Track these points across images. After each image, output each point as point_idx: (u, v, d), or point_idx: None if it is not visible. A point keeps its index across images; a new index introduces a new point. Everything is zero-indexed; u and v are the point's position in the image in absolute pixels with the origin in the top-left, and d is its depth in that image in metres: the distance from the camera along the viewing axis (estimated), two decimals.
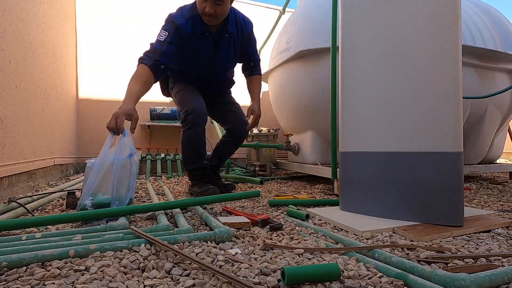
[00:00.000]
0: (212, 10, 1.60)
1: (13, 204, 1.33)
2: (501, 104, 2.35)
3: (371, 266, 0.76)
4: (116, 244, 0.86)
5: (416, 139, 1.17)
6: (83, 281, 0.67)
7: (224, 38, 1.79)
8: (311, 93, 2.25)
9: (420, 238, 0.99)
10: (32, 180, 1.97)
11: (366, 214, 1.28)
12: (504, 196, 1.80)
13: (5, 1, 1.62)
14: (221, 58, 1.84)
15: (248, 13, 4.17)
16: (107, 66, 3.44)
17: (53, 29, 2.50)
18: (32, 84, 2.02)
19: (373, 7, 1.28)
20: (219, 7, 1.61)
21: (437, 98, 1.14)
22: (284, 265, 0.74)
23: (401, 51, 1.21)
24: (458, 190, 1.10)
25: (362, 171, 1.31)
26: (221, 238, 0.95)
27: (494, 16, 2.45)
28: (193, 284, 0.66)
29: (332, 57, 1.70)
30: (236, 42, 1.84)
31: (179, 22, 1.67)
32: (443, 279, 0.65)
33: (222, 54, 1.83)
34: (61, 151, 2.66)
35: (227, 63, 1.89)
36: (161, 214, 1.25)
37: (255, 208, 1.50)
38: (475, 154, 2.40)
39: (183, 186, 2.27)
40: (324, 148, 2.37)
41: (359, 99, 1.32)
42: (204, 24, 1.71)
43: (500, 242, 0.97)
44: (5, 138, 1.59)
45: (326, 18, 1.96)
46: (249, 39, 1.91)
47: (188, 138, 1.76)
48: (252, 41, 1.94)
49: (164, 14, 1.82)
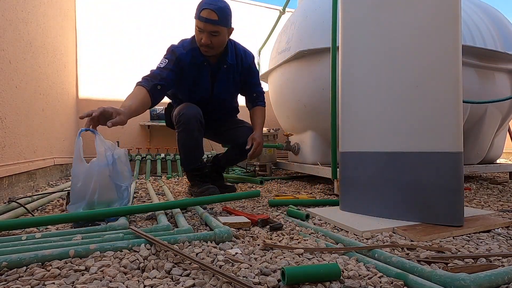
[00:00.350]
0: (208, 41, 1.65)
1: (13, 204, 1.33)
2: (501, 104, 2.35)
3: (371, 266, 0.76)
4: (116, 244, 0.86)
5: (416, 139, 1.17)
6: (83, 281, 0.67)
7: (223, 69, 1.82)
8: (311, 93, 2.25)
9: (420, 238, 0.99)
10: (32, 180, 1.97)
11: (366, 214, 1.28)
12: (504, 196, 1.80)
13: (5, 1, 1.62)
14: (220, 88, 1.86)
15: (248, 13, 4.20)
16: (107, 66, 3.44)
17: (53, 29, 2.50)
18: (32, 84, 2.02)
19: (373, 7, 1.28)
20: (215, 38, 1.66)
21: (437, 98, 1.14)
22: (284, 265, 0.74)
23: (401, 51, 1.21)
24: (458, 190, 1.10)
25: (362, 171, 1.31)
26: (221, 238, 0.95)
27: (494, 16, 2.45)
28: (193, 284, 0.66)
29: (332, 57, 1.70)
30: (235, 74, 1.86)
31: (179, 52, 1.73)
32: (443, 279, 0.65)
33: (220, 84, 1.85)
34: (61, 151, 2.66)
35: (225, 93, 1.90)
36: (161, 214, 1.25)
37: (255, 208, 1.50)
38: (475, 154, 2.40)
39: (183, 186, 2.27)
40: (324, 148, 2.37)
41: (359, 99, 1.32)
42: (203, 55, 1.75)
43: (500, 242, 0.97)
44: (5, 138, 1.59)
45: (326, 18, 1.96)
46: (249, 70, 1.91)
47: (182, 140, 1.76)
48: (253, 72, 1.94)
49: (164, 14, 1.83)
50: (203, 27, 1.63)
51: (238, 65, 1.84)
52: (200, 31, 1.65)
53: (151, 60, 3.59)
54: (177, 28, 3.65)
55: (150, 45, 3.60)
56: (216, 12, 1.60)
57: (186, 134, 1.74)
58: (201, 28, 1.64)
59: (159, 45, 3.62)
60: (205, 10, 1.60)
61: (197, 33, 1.67)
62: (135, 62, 3.54)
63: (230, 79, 1.85)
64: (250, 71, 1.92)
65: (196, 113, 1.75)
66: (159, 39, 3.62)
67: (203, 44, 1.66)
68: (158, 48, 3.62)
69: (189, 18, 3.74)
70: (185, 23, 3.70)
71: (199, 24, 1.64)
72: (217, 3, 1.62)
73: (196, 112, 1.76)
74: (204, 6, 1.60)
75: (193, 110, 1.75)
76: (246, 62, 1.88)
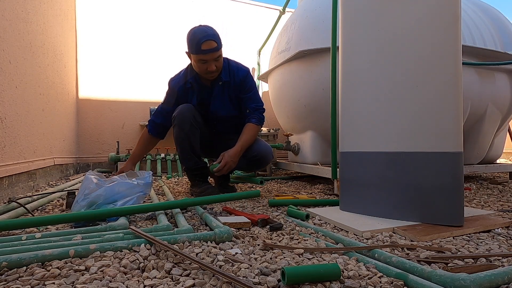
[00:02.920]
0: (214, 67, 1.72)
1: (13, 204, 1.33)
2: (501, 104, 2.35)
3: (371, 266, 0.76)
4: (116, 244, 0.86)
5: (416, 139, 1.17)
6: (83, 281, 0.67)
7: (218, 86, 1.84)
8: (311, 93, 2.25)
9: (420, 238, 0.99)
10: (32, 180, 1.97)
11: (366, 214, 1.28)
12: (504, 196, 1.80)
13: (5, 1, 1.62)
14: (216, 106, 1.87)
15: (248, 13, 4.20)
16: (107, 66, 3.44)
17: (53, 29, 2.50)
18: (32, 84, 2.02)
19: (373, 7, 1.28)
20: (218, 62, 1.74)
21: (437, 98, 1.14)
22: (284, 265, 0.74)
23: (401, 51, 1.21)
24: (458, 190, 1.10)
25: (362, 171, 1.31)
26: (221, 238, 0.95)
27: (494, 16, 2.45)
28: (193, 284, 0.66)
29: (332, 57, 1.70)
30: (230, 91, 1.87)
31: (173, 84, 1.89)
32: (443, 279, 0.65)
33: (216, 102, 1.87)
34: (61, 151, 2.66)
35: (223, 110, 1.89)
36: (161, 214, 1.25)
37: (255, 208, 1.50)
38: (475, 154, 2.40)
39: (183, 186, 2.27)
40: (324, 148, 2.37)
41: (359, 99, 1.32)
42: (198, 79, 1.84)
43: (500, 242, 0.97)
44: (5, 138, 1.59)
45: (326, 18, 1.96)
46: (242, 85, 1.87)
47: (177, 135, 1.79)
48: (246, 87, 1.87)
49: (164, 14, 1.83)
50: (208, 58, 1.68)
51: (231, 81, 1.85)
52: (204, 62, 1.70)
53: (151, 60, 3.59)
54: (178, 28, 3.65)
55: (151, 45, 3.60)
56: (214, 40, 1.67)
57: (180, 129, 1.76)
58: (205, 59, 1.69)
59: (159, 45, 3.62)
60: (205, 42, 1.65)
61: (201, 65, 1.71)
62: (135, 62, 3.54)
63: (225, 96, 1.87)
64: (242, 86, 1.87)
65: (191, 110, 1.78)
66: (159, 39, 3.62)
67: (211, 71, 1.73)
68: (158, 48, 3.62)
69: (189, 17, 3.74)
70: (186, 23, 3.71)
71: (203, 57, 1.68)
72: (208, 31, 1.67)
73: (191, 109, 1.79)
74: (203, 40, 1.64)
75: (188, 108, 1.79)
76: (238, 77, 1.85)
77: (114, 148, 3.33)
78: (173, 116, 1.79)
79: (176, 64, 3.11)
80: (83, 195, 1.24)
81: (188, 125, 1.75)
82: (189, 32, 1.71)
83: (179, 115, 1.76)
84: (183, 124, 1.75)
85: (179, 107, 1.80)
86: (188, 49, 1.73)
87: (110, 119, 3.42)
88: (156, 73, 3.56)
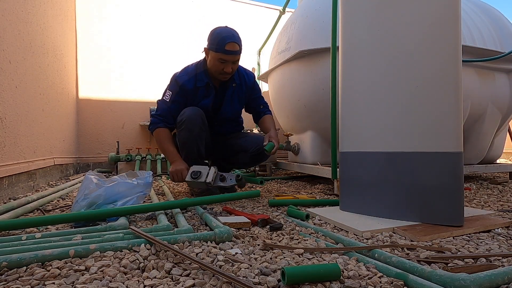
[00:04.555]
0: (230, 69, 1.76)
1: (13, 204, 1.33)
2: (501, 104, 2.35)
3: (371, 266, 0.76)
4: (116, 244, 0.86)
5: (416, 139, 1.17)
6: (83, 281, 0.67)
7: (231, 87, 1.91)
8: (311, 93, 2.25)
9: (420, 238, 0.99)
10: (32, 180, 1.97)
11: (366, 214, 1.28)
12: (504, 196, 1.80)
13: (5, 1, 1.62)
14: (226, 107, 1.94)
15: (248, 13, 4.19)
16: (107, 66, 3.44)
17: (53, 29, 2.50)
18: (32, 84, 2.02)
19: (373, 7, 1.28)
20: (235, 65, 1.80)
21: (437, 98, 1.14)
22: (284, 265, 0.74)
23: (400, 51, 1.21)
24: (458, 190, 1.10)
25: (362, 171, 1.31)
26: (221, 238, 0.95)
27: (494, 16, 2.45)
28: (193, 284, 0.66)
29: (332, 57, 1.70)
30: (240, 93, 1.95)
31: (182, 81, 1.83)
32: (443, 279, 0.65)
33: (227, 103, 1.93)
34: (61, 151, 2.66)
35: (231, 112, 1.97)
36: (161, 214, 1.25)
37: (255, 208, 1.50)
38: (475, 154, 2.40)
39: (183, 186, 2.27)
40: (324, 148, 2.37)
41: (359, 99, 1.32)
42: (208, 77, 1.84)
43: (500, 242, 0.97)
44: (5, 138, 1.59)
45: (326, 18, 1.96)
46: (253, 88, 2.02)
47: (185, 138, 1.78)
48: (256, 89, 2.06)
49: (164, 14, 1.83)
50: (229, 59, 1.72)
51: (242, 84, 1.95)
52: (223, 62, 1.74)
53: (151, 60, 3.59)
54: (178, 28, 3.65)
55: (150, 45, 3.60)
56: (238, 43, 1.72)
57: (189, 133, 1.76)
58: (225, 60, 1.73)
59: (159, 45, 3.62)
60: (230, 43, 1.69)
61: (219, 64, 1.74)
62: (135, 62, 3.54)
63: (235, 97, 1.94)
64: (253, 88, 2.03)
65: (200, 114, 1.79)
66: (159, 39, 3.62)
67: (226, 72, 1.76)
68: (158, 48, 3.62)
69: (189, 18, 3.74)
70: (185, 23, 3.71)
71: (225, 57, 1.71)
72: (234, 34, 1.72)
73: (200, 113, 1.79)
74: (228, 40, 1.68)
75: (196, 111, 1.79)
76: (250, 81, 1.99)
77: (114, 148, 3.33)
78: (181, 120, 1.76)
79: (176, 64, 3.11)
80: (83, 195, 1.24)
81: (197, 129, 1.76)
82: (214, 30, 1.74)
83: (189, 120, 1.74)
84: (193, 128, 1.75)
85: (188, 111, 1.77)
86: (209, 46, 1.75)
87: (110, 119, 3.42)
88: (156, 73, 3.56)
